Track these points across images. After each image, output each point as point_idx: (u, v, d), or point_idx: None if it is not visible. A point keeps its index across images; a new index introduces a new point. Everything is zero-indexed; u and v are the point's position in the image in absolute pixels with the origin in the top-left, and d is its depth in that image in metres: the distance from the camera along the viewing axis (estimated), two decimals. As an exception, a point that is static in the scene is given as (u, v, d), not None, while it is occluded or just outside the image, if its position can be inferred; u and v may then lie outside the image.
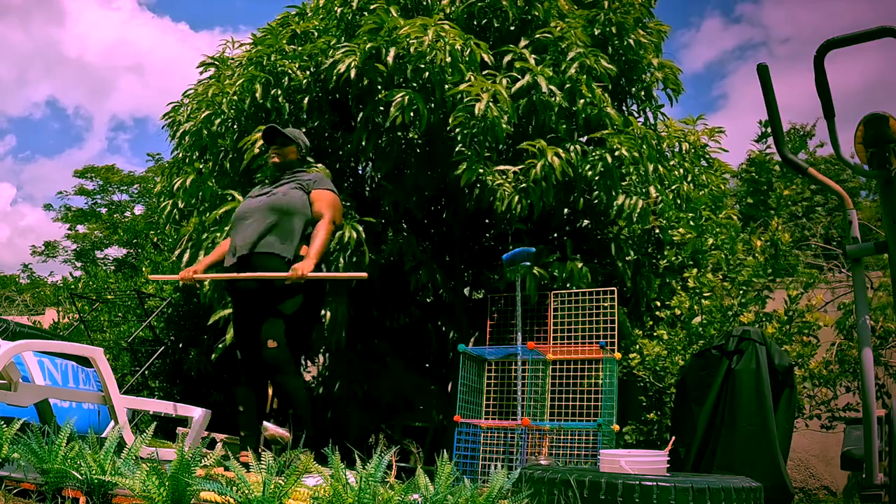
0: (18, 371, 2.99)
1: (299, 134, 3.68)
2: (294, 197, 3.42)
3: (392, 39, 4.20)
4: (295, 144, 3.59)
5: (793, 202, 10.33)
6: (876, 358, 4.16)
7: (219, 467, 2.09)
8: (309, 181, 3.50)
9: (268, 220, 3.36)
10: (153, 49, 45.14)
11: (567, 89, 4.33)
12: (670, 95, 5.12)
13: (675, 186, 4.92)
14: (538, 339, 4.42)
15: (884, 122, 2.20)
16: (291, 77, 4.57)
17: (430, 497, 1.95)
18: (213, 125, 4.69)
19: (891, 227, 2.22)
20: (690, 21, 41.71)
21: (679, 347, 4.34)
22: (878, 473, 2.23)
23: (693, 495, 2.20)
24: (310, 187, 3.47)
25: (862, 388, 2.29)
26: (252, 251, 3.33)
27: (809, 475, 5.36)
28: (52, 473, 2.07)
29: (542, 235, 4.91)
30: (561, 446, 4.13)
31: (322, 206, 3.41)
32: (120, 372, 6.63)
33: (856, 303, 2.40)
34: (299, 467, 1.89)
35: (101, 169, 19.71)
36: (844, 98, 21.65)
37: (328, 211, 3.40)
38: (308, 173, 3.60)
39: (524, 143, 4.24)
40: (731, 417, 3.30)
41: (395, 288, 5.04)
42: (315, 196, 3.45)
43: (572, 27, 4.44)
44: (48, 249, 20.08)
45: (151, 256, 7.93)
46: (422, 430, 5.30)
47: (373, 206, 4.88)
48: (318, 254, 3.25)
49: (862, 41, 2.23)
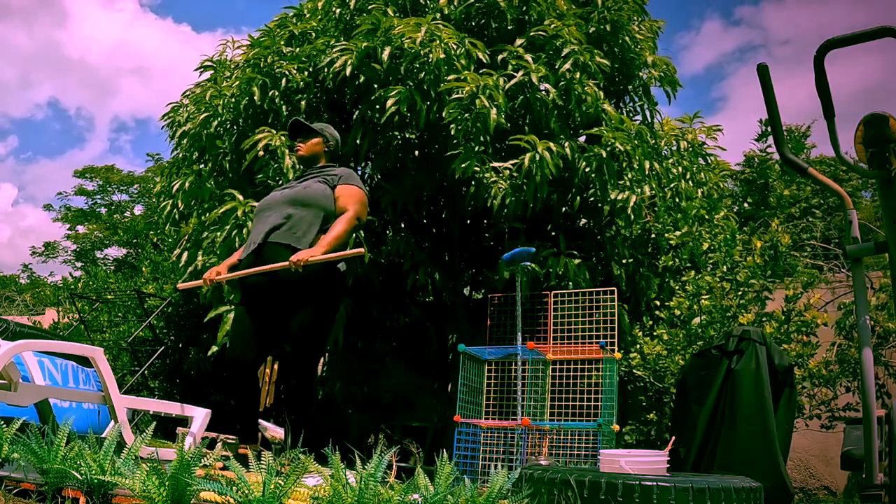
0: (18, 371, 2.99)
1: (325, 126, 3.53)
2: (315, 190, 3.30)
3: (387, 39, 4.20)
4: (321, 136, 3.44)
5: (792, 202, 10.34)
6: (876, 358, 4.16)
7: (219, 463, 2.09)
8: (335, 176, 3.36)
9: (285, 212, 3.25)
10: (155, 50, 45.22)
11: (561, 86, 4.34)
12: (668, 93, 5.13)
13: (674, 185, 4.92)
14: (538, 339, 4.42)
15: (884, 122, 2.20)
16: (289, 78, 4.57)
17: (430, 497, 1.95)
18: (211, 127, 4.69)
19: (891, 227, 2.22)
20: (691, 24, 41.79)
21: (679, 347, 4.34)
22: (878, 473, 2.23)
23: (693, 495, 2.20)
24: (335, 182, 3.33)
25: (862, 388, 2.29)
26: (265, 241, 3.22)
27: (809, 475, 5.36)
28: (52, 473, 2.07)
29: (540, 234, 4.91)
30: (561, 446, 4.13)
31: (347, 202, 3.27)
32: (120, 372, 6.63)
33: (856, 303, 2.40)
34: (299, 467, 1.89)
35: (100, 169, 19.72)
36: (844, 99, 21.68)
37: (353, 206, 3.26)
38: (336, 169, 3.43)
39: (514, 137, 4.23)
40: (731, 417, 3.30)
41: (394, 288, 5.04)
42: (340, 191, 3.30)
43: (567, 25, 4.45)
44: (48, 250, 20.08)
45: (151, 256, 7.93)
46: (422, 430, 5.30)
47: (372, 205, 4.89)
48: (330, 243, 3.11)
49: (862, 41, 2.23)
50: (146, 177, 18.79)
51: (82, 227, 19.60)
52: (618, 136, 4.31)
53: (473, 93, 3.99)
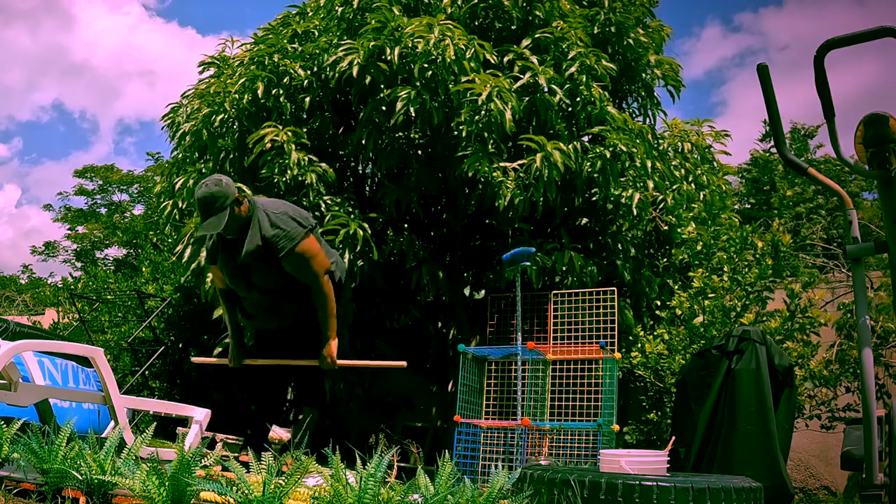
0: (18, 371, 2.99)
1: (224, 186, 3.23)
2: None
3: (396, 38, 4.20)
4: (235, 199, 3.24)
5: (796, 202, 10.33)
6: (876, 358, 4.15)
7: (218, 466, 2.09)
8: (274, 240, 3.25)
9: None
10: (160, 54, 45.22)
11: (567, 89, 4.34)
12: (671, 92, 5.13)
13: (676, 186, 4.92)
14: (538, 339, 4.42)
15: (884, 122, 2.20)
16: (293, 76, 4.57)
17: (431, 497, 1.95)
18: (213, 124, 4.68)
19: (891, 227, 2.22)
20: (691, 30, 41.84)
21: (680, 347, 4.34)
22: (878, 473, 2.23)
23: (693, 495, 2.20)
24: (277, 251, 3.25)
25: (862, 388, 2.29)
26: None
27: (809, 475, 5.36)
28: (52, 473, 2.07)
29: (542, 234, 4.92)
30: (561, 446, 4.13)
31: (306, 274, 3.32)
32: (120, 372, 6.63)
33: (856, 303, 2.40)
34: (300, 468, 1.89)
35: (100, 168, 19.72)
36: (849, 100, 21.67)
37: (314, 274, 3.31)
38: (263, 225, 3.26)
39: (524, 137, 4.23)
40: (731, 417, 3.30)
41: (395, 288, 5.04)
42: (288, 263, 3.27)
43: (573, 27, 4.45)
44: (48, 250, 20.08)
45: (151, 256, 7.93)
46: (422, 430, 5.30)
47: (374, 205, 4.89)
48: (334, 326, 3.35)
49: (862, 41, 2.23)
50: (146, 176, 18.79)
51: (82, 227, 19.59)
52: (622, 137, 4.32)
53: (489, 95, 3.99)
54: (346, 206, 4.44)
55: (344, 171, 5.13)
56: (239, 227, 3.27)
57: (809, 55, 2.25)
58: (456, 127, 4.16)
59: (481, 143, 4.16)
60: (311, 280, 3.29)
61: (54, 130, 47.62)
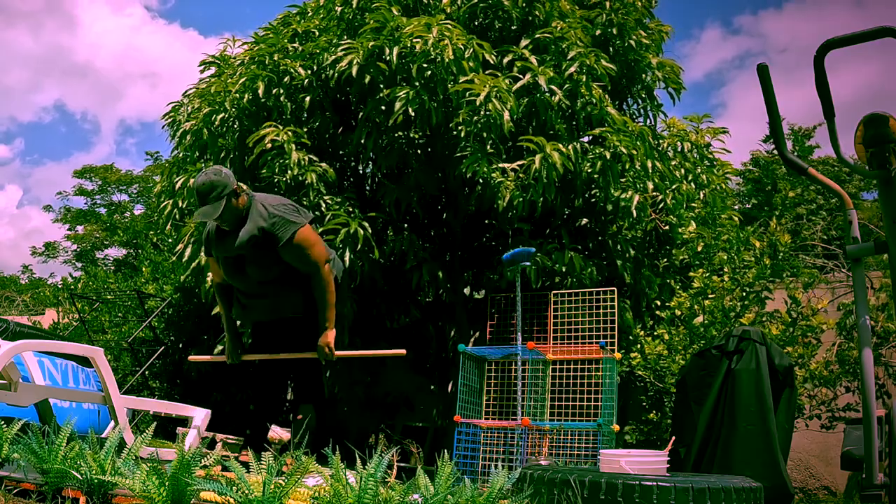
0: (18, 371, 2.99)
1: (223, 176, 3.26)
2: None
3: (395, 38, 4.20)
4: (233, 190, 3.25)
5: (797, 202, 10.32)
6: (876, 358, 4.15)
7: (218, 467, 2.09)
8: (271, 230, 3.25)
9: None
10: (162, 55, 45.18)
11: (567, 89, 4.34)
12: (672, 94, 5.12)
13: (676, 185, 4.92)
14: (538, 339, 4.42)
15: (884, 122, 2.20)
16: (293, 76, 4.58)
17: (430, 497, 1.95)
18: (213, 123, 4.69)
19: (891, 227, 2.22)
20: (691, 33, 41.85)
21: (680, 347, 4.34)
22: (878, 473, 2.22)
23: (693, 495, 2.20)
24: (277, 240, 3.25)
25: (862, 388, 2.29)
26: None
27: (809, 475, 5.36)
28: (52, 473, 2.07)
29: (542, 234, 4.92)
30: (561, 446, 4.13)
31: (306, 264, 3.32)
32: (120, 372, 6.62)
33: (856, 303, 2.40)
34: (300, 468, 1.89)
35: (99, 168, 19.72)
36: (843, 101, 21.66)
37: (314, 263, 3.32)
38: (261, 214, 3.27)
39: (523, 138, 4.24)
40: (731, 417, 3.30)
41: (395, 288, 5.04)
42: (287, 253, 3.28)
43: (572, 27, 4.45)
44: (48, 250, 20.09)
45: (151, 256, 7.93)
46: (422, 430, 5.30)
47: (374, 205, 4.89)
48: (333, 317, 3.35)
49: (862, 41, 2.22)
50: (145, 176, 18.79)
51: (82, 227, 19.60)
52: (622, 139, 4.32)
53: (487, 95, 3.99)
54: (346, 206, 4.44)
55: (344, 171, 5.13)
56: (235, 218, 3.28)
57: (808, 57, 2.25)
58: (455, 127, 4.16)
59: (480, 143, 4.16)
60: (313, 268, 3.30)
61: (56, 131, 47.63)
